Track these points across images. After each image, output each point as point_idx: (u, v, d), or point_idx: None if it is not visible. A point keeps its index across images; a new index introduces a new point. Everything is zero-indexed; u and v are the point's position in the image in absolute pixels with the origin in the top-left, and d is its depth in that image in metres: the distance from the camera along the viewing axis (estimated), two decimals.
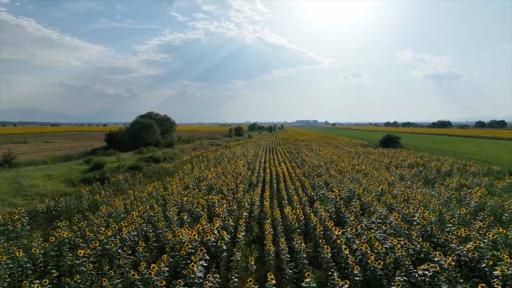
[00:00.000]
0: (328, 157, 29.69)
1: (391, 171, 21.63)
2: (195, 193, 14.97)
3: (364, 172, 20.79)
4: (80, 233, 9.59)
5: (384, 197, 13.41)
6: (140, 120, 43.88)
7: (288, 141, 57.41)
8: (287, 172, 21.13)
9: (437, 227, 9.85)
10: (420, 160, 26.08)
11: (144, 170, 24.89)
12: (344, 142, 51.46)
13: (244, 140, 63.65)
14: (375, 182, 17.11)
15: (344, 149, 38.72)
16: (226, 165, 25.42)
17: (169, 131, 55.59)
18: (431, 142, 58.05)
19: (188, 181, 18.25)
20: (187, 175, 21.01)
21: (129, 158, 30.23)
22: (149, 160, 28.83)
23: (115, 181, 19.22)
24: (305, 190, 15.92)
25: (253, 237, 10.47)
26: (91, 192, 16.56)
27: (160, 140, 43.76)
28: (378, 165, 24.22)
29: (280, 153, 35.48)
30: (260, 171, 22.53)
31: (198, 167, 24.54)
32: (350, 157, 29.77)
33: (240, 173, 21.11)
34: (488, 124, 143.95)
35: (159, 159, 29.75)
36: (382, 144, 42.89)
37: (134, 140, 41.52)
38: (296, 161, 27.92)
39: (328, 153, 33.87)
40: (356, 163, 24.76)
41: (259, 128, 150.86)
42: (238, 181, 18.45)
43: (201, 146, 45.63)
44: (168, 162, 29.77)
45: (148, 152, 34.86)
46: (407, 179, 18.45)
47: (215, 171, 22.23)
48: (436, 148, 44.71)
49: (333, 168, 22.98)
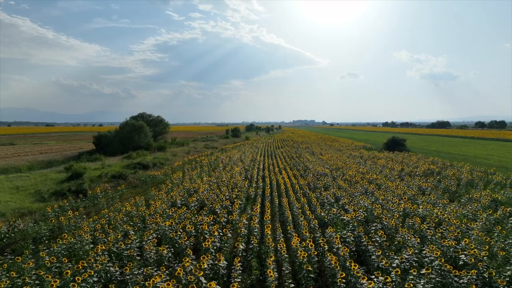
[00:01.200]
0: (333, 162, 27.33)
1: (406, 180, 19.30)
2: (182, 213, 12.51)
3: (376, 182, 18.43)
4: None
5: (411, 219, 11.03)
6: (130, 121, 41.27)
7: (287, 143, 55.04)
8: (289, 183, 18.72)
9: (493, 268, 7.50)
10: (433, 167, 23.78)
11: (129, 179, 22.37)
12: (346, 145, 49.18)
13: (241, 142, 61.22)
14: (392, 196, 14.75)
15: (347, 153, 36.39)
16: (221, 173, 22.98)
17: (162, 133, 53.03)
18: (436, 144, 55.94)
19: (176, 195, 15.78)
20: (176, 187, 18.54)
21: (115, 164, 27.69)
22: (136, 166, 26.29)
23: (92, 195, 16.72)
24: (312, 208, 13.50)
25: (252, 280, 8.05)
26: (61, 210, 14.07)
27: (151, 143, 41.18)
28: (390, 173, 21.88)
29: (280, 158, 33.08)
30: (259, 180, 20.10)
31: (190, 175, 22.07)
32: (356, 163, 27.42)
33: (237, 184, 18.68)
34: (488, 125, 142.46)
35: (148, 165, 27.22)
36: (387, 147, 40.63)
37: (124, 143, 38.94)
38: (297, 167, 25.52)
39: (331, 157, 31.52)
40: (365, 171, 22.41)
41: (256, 129, 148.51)
42: (233, 194, 16.02)
43: (195, 150, 43.10)
44: (157, 169, 27.25)
45: (137, 156, 32.31)
46: (428, 192, 16.14)
47: (208, 180, 19.78)
48: (443, 151, 42.55)
49: (340, 177, 20.62)
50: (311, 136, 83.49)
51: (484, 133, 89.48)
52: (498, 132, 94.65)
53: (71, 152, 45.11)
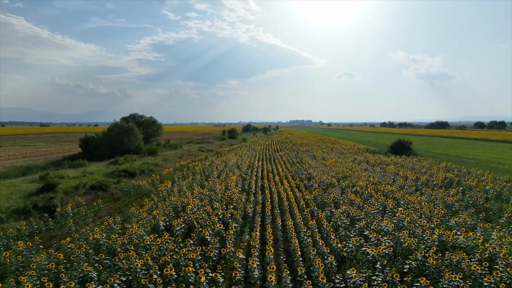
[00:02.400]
0: (338, 169, 24.91)
1: (425, 193, 16.92)
2: (163, 242, 10.00)
3: (393, 196, 16.01)
4: None
5: (453, 253, 8.60)
6: (119, 123, 38.58)
7: (286, 146, 52.59)
8: (292, 196, 16.24)
9: None
10: (451, 175, 21.42)
11: (111, 189, 19.78)
12: (348, 147, 46.81)
13: (237, 144, 58.66)
14: (418, 215, 12.35)
15: (351, 157, 34.00)
16: (215, 182, 20.46)
17: (155, 134, 50.36)
18: (440, 146, 53.77)
19: (160, 213, 13.26)
20: (162, 201, 16.01)
21: (99, 171, 25.06)
22: (121, 174, 23.68)
23: (61, 213, 14.13)
24: (324, 234, 11.04)
25: None
26: (17, 236, 11.52)
27: (142, 147, 38.51)
28: (404, 183, 19.47)
29: (280, 163, 30.62)
30: (258, 192, 17.59)
31: (180, 186, 19.55)
32: (363, 170, 25.03)
33: (232, 198, 16.17)
34: (488, 125, 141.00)
35: (135, 172, 24.60)
36: (393, 151, 38.28)
37: (112, 146, 36.26)
38: (300, 175, 23.06)
39: (335, 163, 29.11)
40: (377, 181, 20.00)
41: (253, 129, 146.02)
42: (228, 213, 13.53)
43: (188, 153, 40.51)
44: (145, 176, 24.68)
45: (125, 162, 29.69)
46: (456, 208, 13.76)
47: (200, 193, 17.25)
48: (451, 154, 40.33)
49: (349, 188, 18.19)
50: (310, 137, 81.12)
51: (486, 134, 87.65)
52: (501, 133, 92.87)
53: (56, 155, 42.37)
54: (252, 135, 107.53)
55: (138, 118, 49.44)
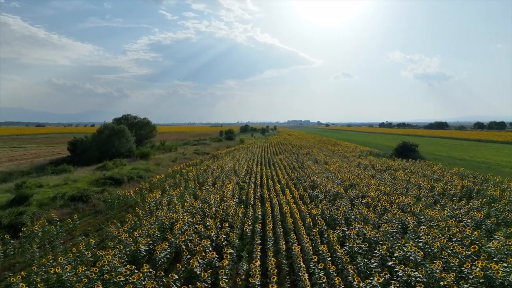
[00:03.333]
0: (344, 176, 23.01)
1: (446, 205, 15.04)
2: (140, 279, 8.03)
3: (411, 210, 14.10)
4: None
5: None
6: (109, 125, 36.45)
7: (286, 148, 50.66)
8: (296, 210, 14.30)
9: None
10: (469, 184, 19.55)
11: (93, 200, 17.75)
12: (350, 150, 44.95)
13: (235, 146, 56.63)
14: (447, 237, 10.45)
15: (355, 161, 32.12)
16: (210, 192, 18.50)
17: (148, 136, 48.26)
18: (445, 148, 52.05)
19: (143, 234, 11.28)
20: (148, 216, 14.03)
21: (83, 178, 23.00)
22: (107, 182, 21.62)
23: (28, 233, 12.07)
24: (339, 265, 9.10)
25: None
26: None
27: (133, 150, 36.42)
28: (419, 193, 17.57)
29: (280, 168, 28.67)
30: (257, 205, 15.60)
31: (170, 196, 17.56)
32: (371, 176, 23.16)
33: (228, 213, 14.20)
34: (488, 126, 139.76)
35: (122, 180, 22.54)
36: (398, 154, 36.44)
37: (101, 149, 34.15)
38: (303, 183, 21.11)
39: (339, 168, 27.21)
40: (389, 190, 18.07)
41: (251, 130, 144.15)
42: (223, 233, 11.58)
43: (183, 156, 38.44)
44: (134, 184, 22.67)
45: (113, 167, 27.63)
46: (487, 227, 11.88)
47: (191, 206, 15.25)
48: (457, 157, 38.57)
49: (359, 200, 16.28)
50: (309, 138, 79.25)
51: (488, 134, 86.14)
52: (503, 134, 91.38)
53: (44, 159, 40.15)
54: (250, 136, 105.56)
55: (131, 119, 47.35)
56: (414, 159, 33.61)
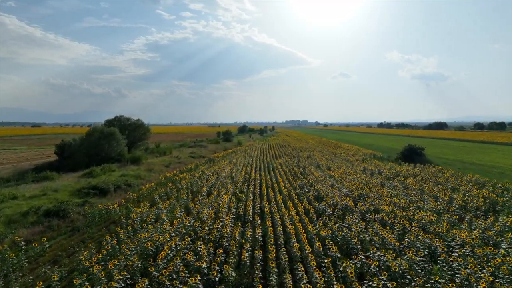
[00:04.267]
0: (350, 183, 21.12)
1: (471, 222, 13.18)
2: None
3: (435, 230, 12.20)
4: None
5: None
6: (99, 127, 34.33)
7: (285, 150, 48.73)
8: (302, 230, 12.39)
9: None
10: (490, 194, 17.69)
11: (72, 215, 15.72)
12: (352, 153, 43.09)
13: (232, 148, 54.62)
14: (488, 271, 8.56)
15: (360, 166, 30.24)
16: (204, 205, 16.55)
17: (142, 139, 46.15)
18: (450, 150, 50.29)
19: (120, 265, 9.31)
20: (130, 238, 12.06)
21: (65, 187, 20.96)
22: (90, 192, 19.60)
23: None
24: None
25: None
26: None
27: (125, 154, 34.32)
28: (437, 206, 15.69)
29: (280, 174, 26.73)
30: (256, 222, 13.62)
31: (158, 211, 15.58)
32: (380, 185, 21.30)
33: (223, 234, 12.25)
34: (488, 126, 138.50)
35: (108, 189, 20.50)
36: (404, 158, 34.62)
37: (91, 153, 32.07)
38: (306, 193, 19.18)
39: (344, 174, 25.33)
40: (404, 203, 16.16)
41: (249, 131, 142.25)
42: (216, 262, 9.63)
43: (177, 160, 36.39)
44: (121, 194, 20.65)
45: (100, 173, 25.61)
46: None
47: (181, 224, 13.28)
48: (466, 161, 36.76)
49: (372, 215, 14.36)
50: (308, 140, 77.38)
51: (491, 136, 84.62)
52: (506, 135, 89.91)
53: (30, 163, 37.98)
54: (248, 136, 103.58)
55: (124, 121, 45.22)
56: (422, 163, 31.80)
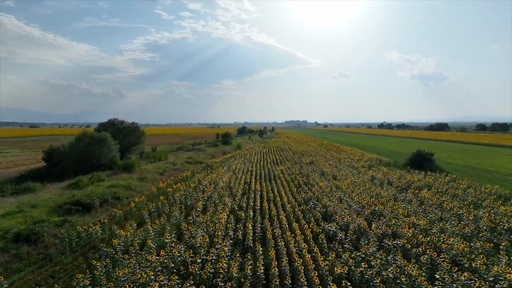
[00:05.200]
0: (360, 197, 19.19)
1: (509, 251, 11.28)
2: None
3: (470, 265, 10.28)
4: None
5: None
6: (89, 132, 32.29)
7: (286, 155, 46.78)
8: (312, 263, 10.47)
9: None
10: None
11: (46, 238, 13.77)
12: (357, 158, 41.17)
13: (231, 152, 52.62)
14: None
15: (367, 174, 28.31)
16: (198, 225, 14.63)
17: (137, 143, 44.13)
18: (457, 155, 48.38)
19: None
20: (106, 275, 10.12)
21: (45, 202, 18.98)
22: (73, 208, 17.62)
23: None
24: None
25: None
26: None
27: (116, 160, 32.31)
28: (464, 228, 13.77)
29: (282, 184, 24.79)
30: (258, 255, 11.69)
31: (145, 234, 13.64)
32: (393, 198, 19.38)
33: (218, 269, 10.31)
34: (490, 127, 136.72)
35: (92, 204, 18.52)
36: (412, 164, 32.70)
37: (79, 161, 30.07)
38: (313, 210, 17.23)
39: (351, 184, 23.41)
40: (425, 225, 14.22)
41: (249, 132, 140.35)
42: None
43: (173, 167, 34.39)
44: (107, 209, 18.69)
45: (88, 183, 23.64)
46: None
47: (169, 254, 11.34)
48: (477, 167, 34.83)
49: (391, 240, 12.43)
50: (309, 142, 75.46)
51: (495, 138, 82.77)
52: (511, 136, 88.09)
53: (18, 169, 35.89)
54: (247, 138, 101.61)
55: (118, 124, 43.21)
56: (432, 170, 29.94)
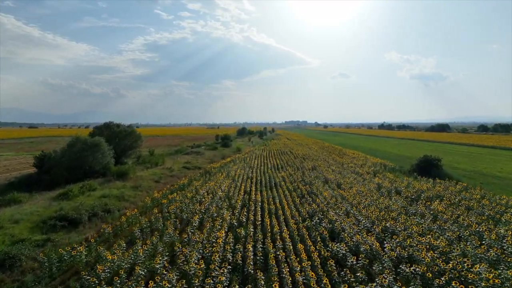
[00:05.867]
0: (366, 209, 17.84)
1: None
2: None
3: None
4: None
5: None
6: (82, 137, 30.87)
7: (287, 159, 45.43)
8: None
9: None
10: None
11: (24, 263, 12.40)
12: (360, 162, 39.82)
13: (231, 156, 51.22)
14: None
15: (373, 181, 26.94)
16: (192, 247, 13.28)
17: (133, 147, 42.74)
18: (464, 159, 46.98)
19: None
20: None
21: (29, 217, 17.58)
22: (58, 224, 16.24)
23: None
24: None
25: None
26: None
27: (111, 167, 30.91)
28: (488, 252, 12.42)
29: (285, 194, 23.45)
30: (259, 285, 10.36)
31: (134, 257, 12.29)
32: (403, 211, 18.04)
33: None
34: (492, 129, 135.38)
35: (80, 218, 17.13)
36: (419, 170, 31.38)
37: (72, 167, 28.69)
38: (319, 226, 15.91)
39: (357, 194, 22.09)
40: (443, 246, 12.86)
41: (248, 133, 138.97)
42: None
43: (170, 173, 32.98)
44: (96, 224, 17.33)
45: (79, 193, 22.27)
46: None
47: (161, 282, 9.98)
48: (485, 172, 33.50)
49: (408, 268, 11.09)
50: (310, 144, 74.12)
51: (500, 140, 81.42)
52: None
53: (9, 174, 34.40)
54: (247, 140, 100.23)
55: (114, 128, 41.85)
56: (440, 177, 28.63)
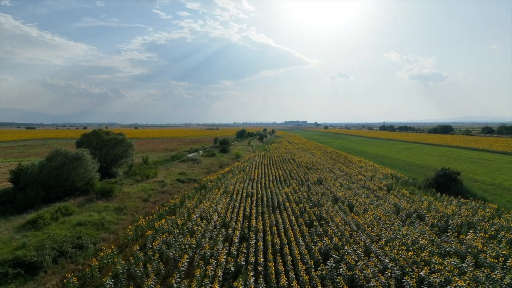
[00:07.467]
0: (389, 244, 14.79)
1: None
2: None
3: None
4: None
5: None
6: (62, 150, 27.64)
7: (290, 169, 42.33)
8: None
9: None
10: None
11: None
12: (369, 172, 36.75)
13: (229, 165, 48.06)
14: None
15: (389, 201, 23.87)
16: None
17: (124, 156, 39.60)
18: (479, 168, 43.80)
19: None
20: None
21: None
22: (11, 272, 13.14)
23: None
24: None
25: None
26: None
27: (94, 183, 27.75)
28: None
29: (290, 220, 20.40)
30: None
31: None
32: (435, 248, 14.99)
33: None
34: (497, 131, 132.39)
35: (41, 261, 13.94)
36: (437, 186, 28.35)
37: (50, 184, 25.58)
38: (334, 276, 12.87)
39: (374, 220, 19.05)
40: None
41: (248, 135, 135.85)
42: None
43: (161, 189, 29.82)
44: (61, 268, 14.22)
45: (50, 221, 19.18)
46: None
47: None
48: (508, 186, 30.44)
49: None
50: (313, 149, 71.02)
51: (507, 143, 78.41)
52: None
53: None
54: (247, 144, 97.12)
55: (103, 136, 38.73)
56: (459, 193, 25.67)
